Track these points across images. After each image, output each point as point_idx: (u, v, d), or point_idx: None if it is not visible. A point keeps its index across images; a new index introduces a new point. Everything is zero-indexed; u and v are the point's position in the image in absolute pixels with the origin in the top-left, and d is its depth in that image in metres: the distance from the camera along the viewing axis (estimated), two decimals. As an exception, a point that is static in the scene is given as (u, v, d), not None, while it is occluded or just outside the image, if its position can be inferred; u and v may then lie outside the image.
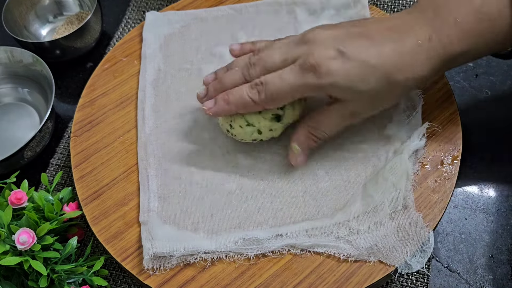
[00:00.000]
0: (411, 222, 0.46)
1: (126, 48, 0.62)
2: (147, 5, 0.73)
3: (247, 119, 0.49)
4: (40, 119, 0.62)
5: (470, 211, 0.53)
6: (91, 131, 0.56)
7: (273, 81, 0.45)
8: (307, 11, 0.62)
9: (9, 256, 0.46)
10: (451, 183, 0.48)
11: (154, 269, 0.46)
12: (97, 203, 0.51)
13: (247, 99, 0.47)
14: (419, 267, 0.44)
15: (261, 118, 0.49)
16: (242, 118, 0.49)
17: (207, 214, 0.49)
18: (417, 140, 0.49)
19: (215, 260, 0.47)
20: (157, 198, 0.51)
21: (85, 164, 0.54)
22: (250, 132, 0.50)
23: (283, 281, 0.45)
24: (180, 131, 0.55)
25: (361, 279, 0.44)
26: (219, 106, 0.48)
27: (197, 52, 0.61)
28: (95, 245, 0.53)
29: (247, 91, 0.47)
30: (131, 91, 0.59)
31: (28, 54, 0.63)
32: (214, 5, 0.65)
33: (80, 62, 0.70)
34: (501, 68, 0.62)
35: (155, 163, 0.53)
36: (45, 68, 0.61)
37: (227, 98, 0.47)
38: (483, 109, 0.59)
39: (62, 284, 0.47)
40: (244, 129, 0.50)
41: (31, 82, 0.65)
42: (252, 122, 0.49)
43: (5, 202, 0.50)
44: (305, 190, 0.50)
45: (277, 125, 0.50)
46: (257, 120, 0.49)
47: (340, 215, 0.47)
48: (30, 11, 0.71)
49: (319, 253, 0.46)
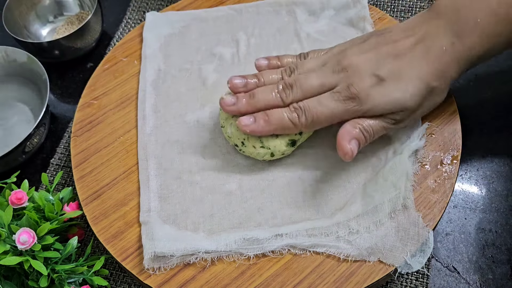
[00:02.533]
0: (411, 222, 0.46)
1: (126, 48, 0.62)
2: (147, 5, 0.73)
3: (263, 142, 0.49)
4: (36, 118, 0.62)
5: (470, 211, 0.53)
6: (92, 131, 0.56)
7: (314, 107, 0.47)
8: (307, 11, 0.62)
9: (9, 256, 0.46)
10: (451, 183, 0.48)
11: (154, 269, 0.46)
12: (97, 203, 0.51)
13: (287, 122, 0.47)
14: (419, 267, 0.44)
15: (278, 142, 0.49)
16: (258, 140, 0.50)
17: (207, 214, 0.49)
18: (416, 140, 0.49)
19: (215, 260, 0.47)
20: (157, 198, 0.51)
21: (86, 164, 0.54)
22: (262, 153, 0.50)
23: (283, 281, 0.45)
24: (180, 131, 0.55)
25: (361, 279, 0.44)
26: (259, 126, 0.48)
27: (197, 52, 0.61)
28: (95, 245, 0.53)
29: (288, 114, 0.47)
30: (131, 91, 0.59)
31: (22, 53, 0.63)
32: (214, 5, 0.65)
33: (80, 62, 0.70)
34: (501, 68, 0.62)
35: (155, 163, 0.53)
36: (40, 67, 0.61)
37: (268, 119, 0.47)
38: (483, 109, 0.59)
39: (62, 284, 0.47)
40: (257, 150, 0.50)
41: (26, 81, 0.65)
42: (268, 145, 0.50)
43: (5, 202, 0.50)
44: (305, 190, 0.50)
45: (291, 149, 0.50)
46: (273, 144, 0.49)
47: (340, 215, 0.47)
48: (31, 11, 0.71)
49: (319, 253, 0.46)
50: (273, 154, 0.50)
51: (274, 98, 0.48)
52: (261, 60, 0.52)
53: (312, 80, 0.48)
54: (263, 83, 0.50)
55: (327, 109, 0.47)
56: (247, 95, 0.49)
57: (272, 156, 0.50)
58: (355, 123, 0.46)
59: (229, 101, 0.49)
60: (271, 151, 0.50)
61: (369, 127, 0.47)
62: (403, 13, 0.66)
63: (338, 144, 0.46)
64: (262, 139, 0.50)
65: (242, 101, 0.49)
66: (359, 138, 0.46)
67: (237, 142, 0.51)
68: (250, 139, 0.50)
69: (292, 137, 0.50)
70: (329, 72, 0.48)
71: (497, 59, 0.48)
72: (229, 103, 0.49)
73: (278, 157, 0.51)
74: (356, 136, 0.46)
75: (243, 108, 0.49)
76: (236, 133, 0.50)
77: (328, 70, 0.48)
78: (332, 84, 0.47)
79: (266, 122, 0.48)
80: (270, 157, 0.50)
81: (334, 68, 0.48)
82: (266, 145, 0.50)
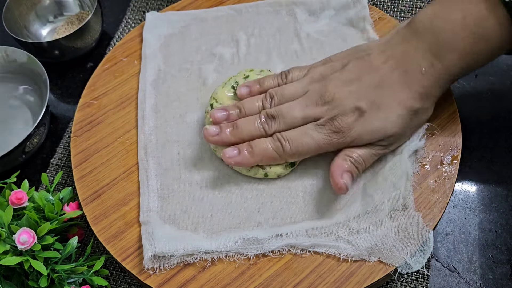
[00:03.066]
0: (411, 222, 0.46)
1: (126, 48, 0.62)
2: (147, 5, 0.73)
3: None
4: (36, 118, 0.63)
5: (469, 211, 0.53)
6: (92, 131, 0.56)
7: (299, 138, 0.48)
8: (307, 11, 0.62)
9: (9, 256, 0.46)
10: (451, 183, 0.48)
11: (154, 269, 0.46)
12: (97, 203, 0.51)
13: (272, 152, 0.48)
14: (418, 267, 0.44)
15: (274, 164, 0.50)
16: None
17: (207, 214, 0.49)
18: (416, 141, 0.49)
19: (215, 260, 0.47)
20: (157, 198, 0.51)
21: (86, 164, 0.54)
22: (253, 172, 0.50)
23: (283, 281, 0.45)
24: (180, 131, 0.55)
25: (361, 279, 0.44)
26: (244, 158, 0.48)
27: (197, 52, 0.61)
28: (95, 245, 0.53)
29: (271, 144, 0.48)
30: (131, 91, 0.59)
31: (22, 53, 0.63)
32: (214, 5, 0.65)
33: (80, 62, 0.70)
34: (501, 68, 0.62)
35: (155, 163, 0.53)
36: (40, 67, 0.61)
37: (252, 150, 0.48)
38: (483, 109, 0.59)
39: (62, 284, 0.47)
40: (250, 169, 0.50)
41: (26, 81, 0.65)
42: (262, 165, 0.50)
43: (5, 202, 0.50)
44: (305, 190, 0.50)
45: (288, 170, 0.50)
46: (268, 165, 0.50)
47: (339, 215, 0.47)
48: (31, 11, 0.71)
49: (319, 253, 0.46)
50: (267, 175, 0.50)
51: (257, 129, 0.49)
52: (242, 89, 0.52)
53: (295, 112, 0.49)
54: (245, 113, 0.51)
55: (312, 140, 0.47)
56: (230, 125, 0.50)
57: (266, 176, 0.50)
58: (345, 156, 0.47)
59: (213, 132, 0.49)
60: (266, 172, 0.50)
61: (359, 157, 0.47)
62: (403, 13, 0.66)
63: (332, 179, 0.46)
64: None
65: (226, 131, 0.49)
66: (351, 170, 0.47)
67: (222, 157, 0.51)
68: None
69: None
70: (312, 105, 0.49)
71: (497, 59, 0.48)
72: (213, 133, 0.49)
73: (273, 177, 0.50)
74: (348, 169, 0.47)
75: (226, 138, 0.49)
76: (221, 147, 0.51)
77: (310, 102, 0.49)
78: (316, 116, 0.48)
79: (251, 153, 0.48)
80: (264, 176, 0.50)
81: (317, 101, 0.48)
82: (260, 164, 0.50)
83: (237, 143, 0.49)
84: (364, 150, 0.48)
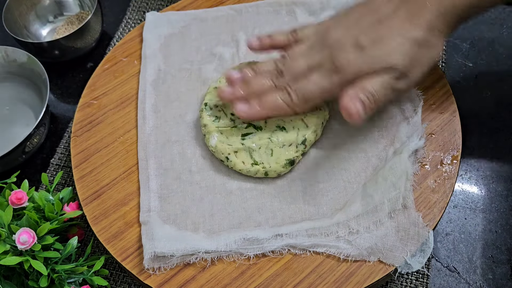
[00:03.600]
0: (411, 222, 0.46)
1: (126, 48, 0.62)
2: (147, 5, 0.73)
3: (254, 156, 0.50)
4: (36, 118, 0.63)
5: (469, 211, 0.53)
6: (92, 131, 0.56)
7: (304, 86, 0.48)
8: (307, 11, 0.62)
9: (9, 256, 0.46)
10: (451, 183, 0.48)
11: (154, 269, 0.46)
12: (97, 203, 0.51)
13: (280, 102, 0.48)
14: (418, 266, 0.44)
15: (274, 162, 0.50)
16: (248, 155, 0.50)
17: (207, 214, 0.49)
18: (416, 140, 0.49)
19: (215, 260, 0.47)
20: (157, 198, 0.51)
21: (86, 164, 0.54)
22: (253, 171, 0.50)
23: (283, 281, 0.45)
24: (180, 131, 0.55)
25: (361, 279, 0.44)
26: (254, 110, 0.49)
27: (197, 52, 0.61)
28: (95, 245, 0.53)
29: (280, 95, 0.49)
30: (131, 91, 0.59)
31: (22, 53, 0.63)
32: (214, 5, 0.65)
33: (81, 62, 0.70)
34: (501, 68, 0.62)
35: (155, 163, 0.53)
36: (40, 67, 0.61)
37: (261, 102, 0.49)
38: (483, 109, 0.59)
39: (62, 284, 0.47)
40: (247, 166, 0.50)
41: (26, 81, 0.65)
42: (261, 160, 0.50)
43: (5, 202, 0.50)
44: (305, 190, 0.50)
45: (288, 168, 0.50)
46: (267, 161, 0.50)
47: (340, 215, 0.47)
48: (31, 11, 0.71)
49: (319, 253, 0.46)
50: (267, 174, 0.50)
51: (267, 84, 0.50)
52: (252, 40, 0.53)
53: (301, 64, 0.49)
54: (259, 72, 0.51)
55: (315, 84, 0.48)
56: (242, 81, 0.51)
57: (266, 175, 0.50)
58: (353, 86, 0.46)
59: (227, 90, 0.51)
60: (266, 170, 0.50)
61: (370, 87, 0.46)
62: (403, 13, 0.66)
63: (342, 108, 0.45)
64: (252, 153, 0.50)
65: (237, 88, 0.50)
66: (363, 99, 0.45)
67: (221, 157, 0.51)
68: (239, 153, 0.50)
69: (290, 155, 0.50)
70: (315, 53, 0.49)
71: (497, 59, 0.48)
72: (227, 92, 0.51)
73: (272, 176, 0.50)
74: (359, 98, 0.45)
75: (238, 92, 0.50)
76: (220, 147, 0.51)
77: (313, 50, 0.49)
78: (318, 63, 0.48)
79: (260, 106, 0.49)
80: (264, 175, 0.50)
81: (319, 47, 0.49)
82: (258, 161, 0.50)
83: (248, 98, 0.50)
84: (373, 79, 0.46)
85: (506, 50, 0.63)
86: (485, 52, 0.64)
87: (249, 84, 0.50)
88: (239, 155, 0.50)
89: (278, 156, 0.50)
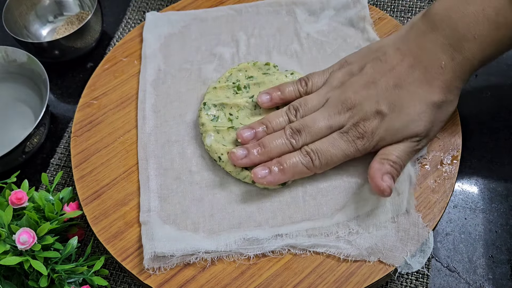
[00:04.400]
0: (410, 222, 0.46)
1: (126, 48, 0.62)
2: (147, 5, 0.73)
3: None
4: (36, 118, 0.63)
5: (469, 211, 0.53)
6: (92, 131, 0.56)
7: (327, 150, 0.47)
8: (307, 11, 0.62)
9: (9, 256, 0.46)
10: (451, 183, 0.48)
11: (154, 269, 0.46)
12: (97, 203, 0.51)
13: (302, 167, 0.48)
14: (418, 267, 0.44)
15: None
16: None
17: (207, 214, 0.49)
18: None
19: (215, 260, 0.47)
20: (157, 198, 0.51)
21: (86, 164, 0.54)
22: (243, 175, 0.50)
23: (283, 281, 0.45)
24: (180, 131, 0.55)
25: (361, 279, 0.44)
26: (276, 176, 0.47)
27: (197, 52, 0.61)
28: (95, 245, 0.53)
29: (301, 159, 0.47)
30: (131, 91, 0.59)
31: (22, 53, 0.63)
32: (214, 5, 0.65)
33: (81, 62, 0.70)
34: (501, 68, 0.62)
35: (155, 163, 0.53)
36: (40, 67, 0.61)
37: (282, 168, 0.47)
38: (483, 109, 0.59)
39: (62, 284, 0.47)
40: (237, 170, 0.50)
41: (26, 81, 0.65)
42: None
43: (5, 202, 0.50)
44: (305, 190, 0.50)
45: (278, 187, 0.50)
46: None
47: (340, 215, 0.47)
48: (31, 11, 0.71)
49: (319, 253, 0.46)
50: (254, 182, 0.49)
51: (285, 144, 0.49)
52: (262, 96, 0.52)
53: (320, 123, 0.48)
54: (272, 129, 0.50)
55: (339, 150, 0.47)
56: (257, 144, 0.49)
57: (253, 183, 0.50)
58: (381, 159, 0.46)
59: (240, 154, 0.49)
60: None
61: (396, 158, 0.46)
62: (403, 13, 0.66)
63: (373, 184, 0.45)
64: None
65: (253, 152, 0.49)
66: (390, 172, 0.46)
67: (214, 157, 0.51)
68: None
69: None
70: (334, 114, 0.49)
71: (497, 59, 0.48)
72: (241, 156, 0.49)
73: (259, 187, 0.50)
74: (387, 171, 0.45)
75: (256, 159, 0.49)
76: (214, 146, 0.51)
77: (333, 111, 0.49)
78: (340, 124, 0.48)
79: (281, 171, 0.47)
80: (251, 182, 0.50)
81: (339, 109, 0.48)
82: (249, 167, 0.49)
83: (266, 161, 0.49)
84: (398, 148, 0.47)
85: (506, 50, 0.63)
86: (485, 52, 0.64)
87: (264, 146, 0.49)
88: None
89: None
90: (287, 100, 0.52)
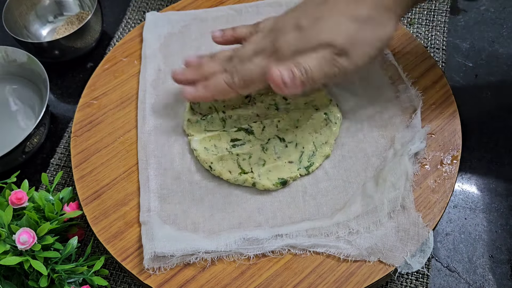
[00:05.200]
0: (410, 222, 0.46)
1: (126, 48, 0.62)
2: (147, 5, 0.73)
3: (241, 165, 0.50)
4: (36, 118, 0.63)
5: (469, 211, 0.53)
6: (92, 131, 0.56)
7: (246, 67, 0.49)
8: (307, 11, 0.62)
9: (9, 256, 0.46)
10: (451, 183, 0.48)
11: (154, 269, 0.46)
12: (97, 203, 0.51)
13: (222, 83, 0.49)
14: (418, 267, 0.44)
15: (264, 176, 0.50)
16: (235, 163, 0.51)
17: (207, 214, 0.49)
18: (418, 143, 0.49)
19: (215, 260, 0.47)
20: (157, 198, 0.51)
21: (86, 164, 0.54)
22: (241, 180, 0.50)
23: (283, 281, 0.45)
24: (180, 131, 0.55)
25: (361, 279, 0.44)
26: (198, 92, 0.50)
27: (197, 52, 0.61)
28: (95, 245, 0.53)
29: (224, 77, 0.50)
30: (131, 91, 0.59)
31: (22, 53, 0.63)
32: (214, 5, 0.65)
33: (81, 62, 0.70)
34: (501, 68, 0.62)
35: (155, 163, 0.53)
36: (40, 67, 0.61)
37: (206, 84, 0.50)
38: (483, 109, 0.59)
39: (62, 283, 0.47)
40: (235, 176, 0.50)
41: (26, 81, 0.65)
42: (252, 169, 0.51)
43: (5, 202, 0.50)
44: (305, 190, 0.50)
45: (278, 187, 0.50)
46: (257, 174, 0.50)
47: (340, 215, 0.47)
48: (31, 11, 0.71)
49: (319, 253, 0.46)
50: (255, 185, 0.50)
51: (216, 67, 0.51)
52: (216, 32, 0.54)
53: (247, 48, 0.50)
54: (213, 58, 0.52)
55: (255, 65, 0.48)
56: (195, 65, 0.53)
57: (254, 185, 0.50)
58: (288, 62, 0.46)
59: (179, 72, 0.53)
60: (255, 181, 0.49)
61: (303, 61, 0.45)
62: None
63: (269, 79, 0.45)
64: (240, 161, 0.50)
65: (189, 72, 0.52)
66: (291, 68, 0.45)
67: (205, 166, 0.51)
68: (224, 162, 0.50)
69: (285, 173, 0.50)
70: (261, 39, 0.50)
71: (497, 59, 0.48)
72: (178, 74, 0.53)
73: (259, 189, 0.50)
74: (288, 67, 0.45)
75: (189, 75, 0.52)
76: (203, 156, 0.51)
77: (262, 38, 0.50)
78: (263, 47, 0.49)
79: (205, 87, 0.50)
80: (252, 185, 0.50)
81: (266, 34, 0.50)
82: (247, 170, 0.50)
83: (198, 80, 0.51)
84: (311, 55, 0.46)
85: (506, 50, 0.63)
86: (485, 52, 0.64)
87: (200, 67, 0.52)
88: (225, 163, 0.50)
89: (271, 170, 0.50)
90: (238, 37, 0.53)
